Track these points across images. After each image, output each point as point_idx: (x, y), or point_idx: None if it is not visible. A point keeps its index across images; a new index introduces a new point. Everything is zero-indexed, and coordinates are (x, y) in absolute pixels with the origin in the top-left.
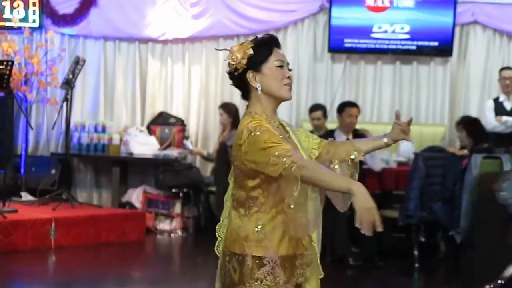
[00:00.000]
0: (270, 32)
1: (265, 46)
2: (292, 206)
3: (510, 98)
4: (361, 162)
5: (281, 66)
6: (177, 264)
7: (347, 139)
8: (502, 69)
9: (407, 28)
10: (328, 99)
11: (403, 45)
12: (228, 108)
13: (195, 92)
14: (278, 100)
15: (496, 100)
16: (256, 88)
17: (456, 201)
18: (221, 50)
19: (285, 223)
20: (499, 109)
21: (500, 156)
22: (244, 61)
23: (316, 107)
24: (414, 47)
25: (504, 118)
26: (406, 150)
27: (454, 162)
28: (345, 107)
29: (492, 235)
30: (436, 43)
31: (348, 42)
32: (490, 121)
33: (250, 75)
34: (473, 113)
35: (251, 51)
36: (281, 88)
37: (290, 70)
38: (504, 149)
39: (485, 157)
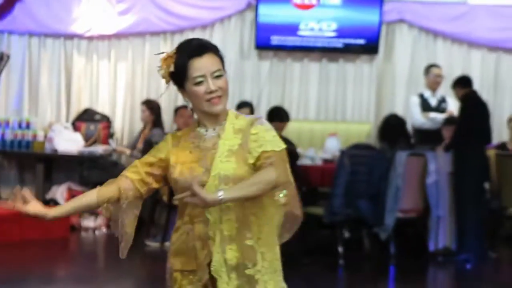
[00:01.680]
0: (196, 29)
1: (182, 61)
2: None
3: (435, 94)
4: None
5: (199, 83)
6: (102, 261)
7: None
8: (431, 66)
9: (334, 26)
10: (255, 96)
11: (329, 42)
12: (150, 105)
13: (121, 89)
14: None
15: (421, 96)
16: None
17: (381, 198)
18: (160, 53)
19: (186, 235)
20: (425, 105)
21: (425, 154)
22: (168, 79)
23: (243, 104)
24: (340, 45)
25: (432, 114)
26: (331, 147)
27: (380, 160)
28: (274, 119)
29: None
30: (362, 41)
31: (275, 40)
32: (417, 118)
33: (178, 90)
34: (399, 111)
35: (171, 68)
36: (204, 105)
37: (219, 76)
38: (429, 146)
39: (410, 154)
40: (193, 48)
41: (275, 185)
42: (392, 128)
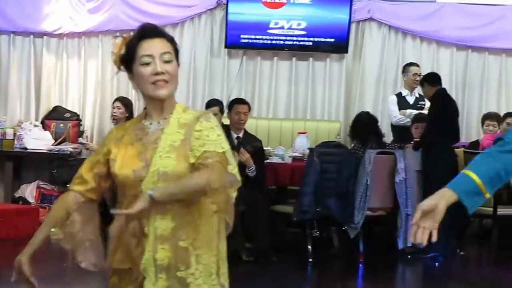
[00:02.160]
0: (166, 27)
1: (132, 42)
2: None
3: (413, 93)
4: (261, 156)
5: (146, 64)
6: (70, 259)
7: (238, 137)
8: (409, 64)
9: (303, 25)
10: (225, 95)
11: (299, 41)
12: (125, 102)
13: (90, 87)
14: (157, 100)
15: (399, 95)
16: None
17: (350, 196)
18: (118, 36)
19: (122, 232)
20: (403, 104)
21: (394, 152)
22: (117, 63)
23: (213, 103)
24: (310, 44)
25: (409, 110)
26: (301, 145)
27: (349, 158)
28: (233, 104)
29: None
30: (332, 40)
31: (245, 38)
32: (395, 114)
33: (128, 76)
34: (368, 109)
35: (123, 50)
36: (148, 88)
37: (168, 61)
38: (398, 145)
39: (379, 153)
40: (145, 30)
41: (206, 190)
42: (364, 126)
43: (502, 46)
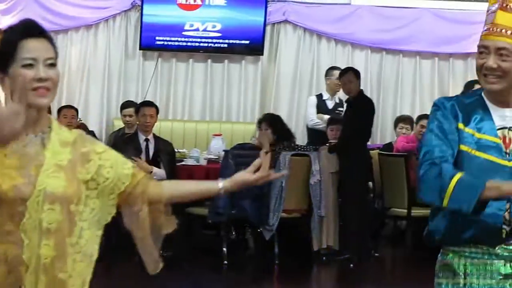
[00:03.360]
0: (80, 29)
1: (12, 38)
2: None
3: (333, 98)
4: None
5: (28, 65)
6: None
7: (146, 139)
8: (333, 68)
9: (218, 27)
10: (140, 97)
11: (214, 43)
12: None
13: None
14: (33, 108)
15: (319, 98)
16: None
17: (265, 198)
18: None
19: None
20: (322, 107)
21: (309, 154)
22: None
23: (128, 104)
24: (225, 46)
25: (327, 116)
26: (216, 147)
27: None
28: (140, 106)
29: None
30: (247, 42)
31: (160, 40)
32: (312, 118)
33: None
34: (284, 111)
35: None
36: (27, 94)
37: (52, 65)
38: (313, 147)
39: (294, 155)
40: (29, 28)
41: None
42: (283, 127)
43: (416, 49)
